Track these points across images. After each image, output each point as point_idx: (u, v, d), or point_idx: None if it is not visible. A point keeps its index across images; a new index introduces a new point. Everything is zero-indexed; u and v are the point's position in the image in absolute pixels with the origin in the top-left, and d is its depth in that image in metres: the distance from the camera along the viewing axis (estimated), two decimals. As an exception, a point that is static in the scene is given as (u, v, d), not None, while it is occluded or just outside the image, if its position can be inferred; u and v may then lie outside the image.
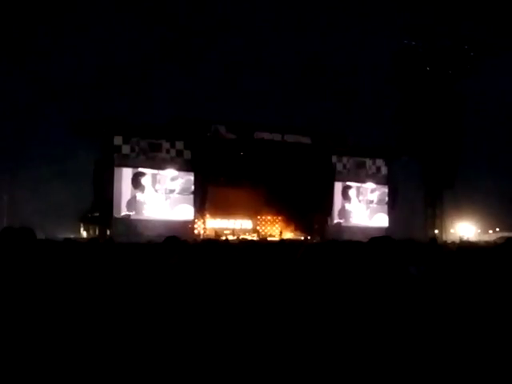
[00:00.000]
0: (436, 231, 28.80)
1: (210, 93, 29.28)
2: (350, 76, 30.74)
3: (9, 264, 3.47)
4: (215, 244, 5.60)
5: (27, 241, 3.80)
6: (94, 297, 3.81)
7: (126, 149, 25.45)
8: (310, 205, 28.81)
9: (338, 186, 30.01)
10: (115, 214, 24.70)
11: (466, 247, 5.83)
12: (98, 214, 25.27)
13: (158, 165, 26.10)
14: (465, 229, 30.49)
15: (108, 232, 24.35)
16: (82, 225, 26.35)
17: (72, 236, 21.97)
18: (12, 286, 3.12)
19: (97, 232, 25.24)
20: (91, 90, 27.27)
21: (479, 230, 30.94)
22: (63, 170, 24.83)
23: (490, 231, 29.27)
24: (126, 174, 25.47)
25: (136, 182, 25.57)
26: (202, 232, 27.03)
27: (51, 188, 24.54)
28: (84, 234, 25.97)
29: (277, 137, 27.97)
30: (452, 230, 30.19)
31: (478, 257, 5.83)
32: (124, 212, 25.02)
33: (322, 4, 31.14)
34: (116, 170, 25.26)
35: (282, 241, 15.55)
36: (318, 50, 30.77)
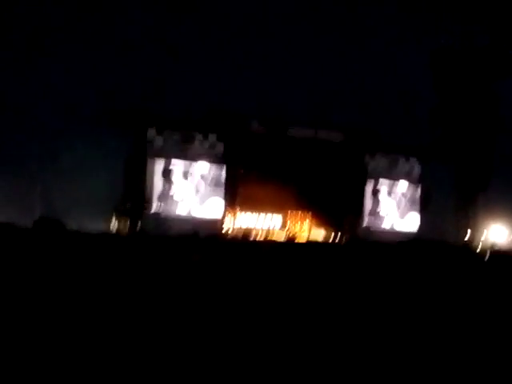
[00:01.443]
0: (468, 234, 28.38)
1: (245, 87, 29.18)
2: (386, 74, 30.35)
3: (41, 254, 3.53)
4: (241, 245, 5.62)
5: (59, 232, 3.86)
6: (117, 289, 3.85)
7: (159, 140, 25.62)
8: (340, 204, 28.64)
9: (370, 185, 29.77)
10: (147, 209, 24.92)
11: (498, 255, 5.74)
12: (129, 206, 25.48)
13: (191, 157, 26.23)
14: (497, 232, 29.94)
15: (139, 225, 24.54)
16: (113, 216, 26.55)
17: (103, 228, 22.21)
18: (44, 275, 3.18)
19: (128, 224, 25.42)
20: (125, 81, 27.39)
21: (512, 235, 30.37)
22: (96, 162, 25.03)
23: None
24: (159, 165, 25.66)
25: (168, 174, 25.74)
26: (230, 231, 27.02)
27: (84, 179, 24.78)
28: (115, 225, 26.17)
29: (309, 133, 27.89)
30: (484, 235, 29.68)
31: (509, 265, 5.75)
32: (155, 205, 25.20)
33: (360, 1, 30.81)
34: (149, 161, 25.47)
35: (309, 243, 15.54)
36: (354, 48, 30.45)
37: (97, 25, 27.77)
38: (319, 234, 28.30)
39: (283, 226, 29.15)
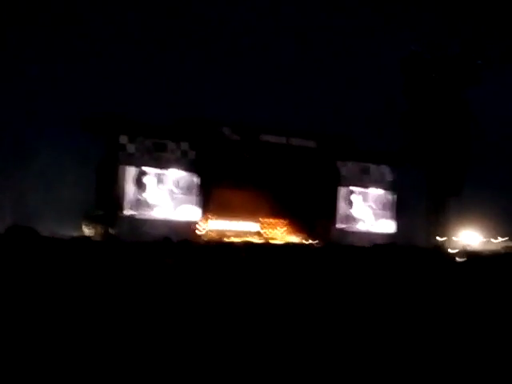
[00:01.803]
0: (440, 239, 28.72)
1: (216, 94, 29.22)
2: (356, 81, 30.64)
3: (14, 261, 3.48)
4: (220, 246, 5.61)
5: (31, 239, 3.82)
6: (95, 294, 3.82)
7: (131, 148, 25.53)
8: (313, 209, 28.82)
9: (343, 191, 30.03)
10: (119, 213, 24.78)
11: (470, 256, 5.82)
12: (101, 213, 25.30)
13: (163, 165, 26.19)
14: (470, 237, 30.36)
15: (111, 231, 24.38)
16: (84, 223, 26.30)
17: (75, 234, 21.96)
18: (18, 283, 3.13)
19: (100, 230, 25.23)
20: (97, 87, 27.23)
21: (485, 239, 30.79)
22: (67, 168, 24.79)
23: (497, 239, 29.13)
24: (131, 172, 25.56)
25: (140, 181, 25.67)
26: (204, 233, 26.99)
27: (55, 185, 24.53)
28: (86, 231, 25.94)
29: (282, 140, 28.03)
30: (456, 238, 30.07)
31: (482, 266, 5.84)
32: (128, 211, 25.10)
33: (330, 7, 31.07)
34: (120, 168, 25.35)
35: (287, 244, 15.57)
36: (325, 53, 30.73)
37: (71, 28, 27.59)
38: (293, 239, 28.39)
39: (257, 232, 29.18)
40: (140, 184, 25.67)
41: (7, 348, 2.76)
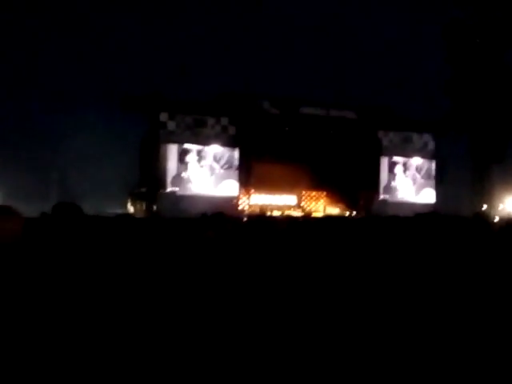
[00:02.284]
0: (484, 207, 28.24)
1: (254, 68, 29.13)
2: (398, 49, 30.12)
3: (60, 239, 3.55)
4: (261, 220, 5.63)
5: (77, 216, 3.89)
6: (135, 269, 3.89)
7: (171, 125, 25.71)
8: (355, 180, 28.63)
9: (384, 161, 29.74)
10: (161, 190, 25.08)
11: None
12: (144, 190, 25.69)
13: (203, 141, 26.31)
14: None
15: (154, 207, 24.74)
16: (129, 200, 26.79)
17: (120, 211, 22.38)
18: (63, 261, 3.19)
19: (144, 207, 25.65)
20: (136, 66, 27.46)
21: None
22: (111, 147, 25.20)
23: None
24: (172, 150, 25.79)
25: (182, 158, 25.88)
26: (246, 208, 27.13)
27: (99, 164, 24.98)
28: (131, 209, 26.41)
29: (322, 112, 27.79)
30: (500, 206, 29.52)
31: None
32: (170, 188, 25.38)
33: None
34: (162, 146, 25.60)
35: (328, 217, 15.52)
36: (364, 24, 30.22)
37: (111, 10, 27.80)
38: (334, 212, 28.30)
39: (298, 205, 29.20)
40: (181, 161, 25.90)
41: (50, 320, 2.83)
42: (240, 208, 26.49)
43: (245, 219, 7.64)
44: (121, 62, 27.56)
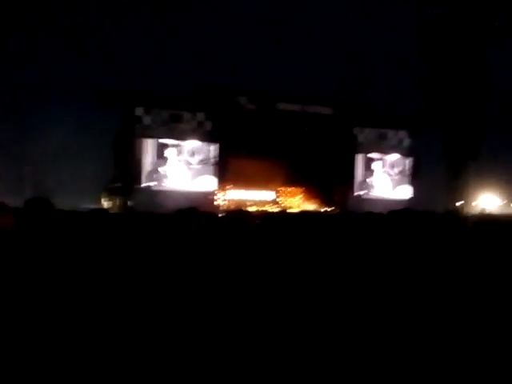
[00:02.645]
0: (459, 203, 28.57)
1: (230, 63, 29.04)
2: (373, 46, 30.25)
3: (33, 234, 3.50)
4: (237, 215, 5.61)
5: (47, 211, 3.83)
6: (114, 265, 3.85)
7: (147, 119, 25.58)
8: (331, 177, 28.80)
9: (360, 158, 29.92)
10: (137, 185, 24.95)
11: (486, 220, 5.77)
12: (119, 185, 25.53)
13: (180, 136, 26.24)
14: (488, 201, 30.16)
15: (129, 203, 24.61)
16: (104, 195, 26.60)
17: (94, 206, 22.19)
18: (34, 257, 3.14)
19: (119, 202, 25.50)
20: (113, 59, 27.21)
21: (503, 202, 30.59)
22: (85, 141, 24.97)
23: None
24: (147, 144, 25.67)
25: (156, 152, 25.77)
26: (222, 203, 27.11)
27: (73, 159, 24.75)
28: (106, 204, 26.22)
29: (298, 107, 27.86)
30: (475, 203, 29.90)
31: (498, 230, 5.78)
32: (145, 183, 25.26)
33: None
34: (137, 140, 25.46)
35: (303, 212, 15.50)
36: (341, 18, 30.26)
37: (84, 4, 27.51)
38: (310, 208, 28.41)
39: (274, 201, 29.26)
40: (157, 156, 25.80)
41: (19, 322, 2.79)
42: (216, 203, 26.46)
43: (220, 215, 7.61)
44: (96, 54, 27.27)
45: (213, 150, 26.67)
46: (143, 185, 25.22)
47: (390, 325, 3.61)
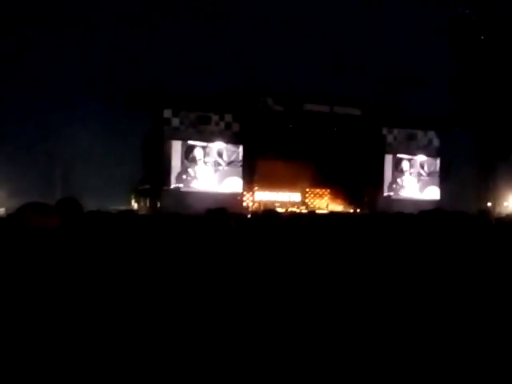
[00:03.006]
0: (489, 204, 28.17)
1: (258, 64, 29.10)
2: (402, 46, 30.06)
3: (63, 235, 3.54)
4: (268, 215, 5.61)
5: (77, 212, 3.87)
6: (143, 265, 3.87)
7: (175, 121, 25.72)
8: (359, 177, 28.60)
9: (389, 159, 29.70)
10: (165, 187, 25.09)
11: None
12: (148, 187, 25.72)
13: (207, 137, 26.32)
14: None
15: (158, 204, 24.77)
16: (132, 197, 26.84)
17: (123, 207, 22.43)
18: (65, 257, 3.17)
19: (147, 204, 25.69)
20: (142, 62, 27.49)
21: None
22: (115, 143, 25.26)
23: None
24: (176, 146, 25.80)
25: (187, 154, 25.89)
26: (250, 204, 27.13)
27: (103, 161, 25.04)
28: (135, 205, 26.45)
29: (326, 108, 27.75)
30: (506, 203, 29.47)
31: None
32: (173, 184, 25.40)
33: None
34: (166, 142, 25.61)
35: (331, 213, 15.48)
36: (370, 21, 30.14)
37: (116, 7, 27.81)
38: (338, 209, 28.28)
39: (302, 202, 29.20)
40: (185, 157, 25.91)
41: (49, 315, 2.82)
42: (244, 205, 26.49)
43: (249, 216, 7.62)
44: (125, 58, 27.56)
45: (240, 151, 26.70)
46: (172, 186, 25.35)
47: (415, 324, 3.58)
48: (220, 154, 26.50)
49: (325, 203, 29.43)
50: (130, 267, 3.73)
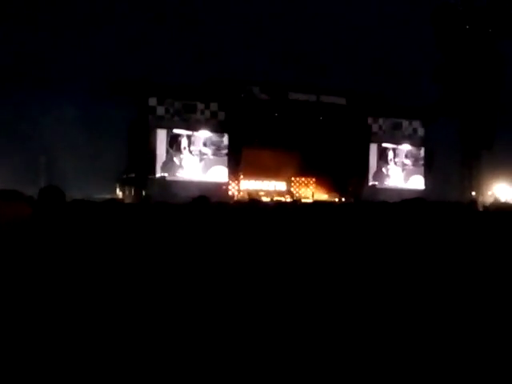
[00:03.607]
0: (473, 193, 28.38)
1: (243, 53, 29.00)
2: (387, 35, 30.06)
3: (45, 224, 3.52)
4: (250, 205, 5.64)
5: (60, 200, 3.85)
6: (128, 254, 3.88)
7: (160, 110, 25.61)
8: (344, 167, 28.68)
9: (374, 148, 29.80)
10: (150, 175, 25.01)
11: (502, 209, 5.75)
12: (133, 175, 25.62)
13: (193, 126, 26.25)
14: (502, 190, 29.94)
15: (143, 193, 24.70)
16: (117, 186, 26.72)
17: (108, 196, 22.33)
18: (48, 247, 3.15)
19: (132, 192, 25.60)
20: (127, 50, 27.29)
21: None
22: (99, 131, 25.09)
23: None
24: (161, 135, 25.70)
25: (170, 143, 25.81)
26: (236, 194, 27.13)
27: (87, 149, 24.88)
28: (120, 194, 26.34)
29: (312, 97, 27.76)
30: (489, 192, 29.69)
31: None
32: (159, 173, 25.33)
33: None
34: (151, 131, 25.50)
35: (315, 202, 15.50)
36: (353, 8, 30.09)
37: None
38: (323, 198, 28.36)
39: (287, 191, 29.23)
40: (170, 146, 25.84)
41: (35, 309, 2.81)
42: (230, 194, 26.49)
43: (232, 204, 7.64)
44: (110, 45, 27.33)
45: (226, 140, 26.66)
46: (157, 175, 25.28)
47: (402, 315, 3.61)
48: (205, 143, 26.45)
49: (310, 192, 29.47)
50: (117, 256, 3.73)
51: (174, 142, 25.90)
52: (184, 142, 26.08)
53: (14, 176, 20.52)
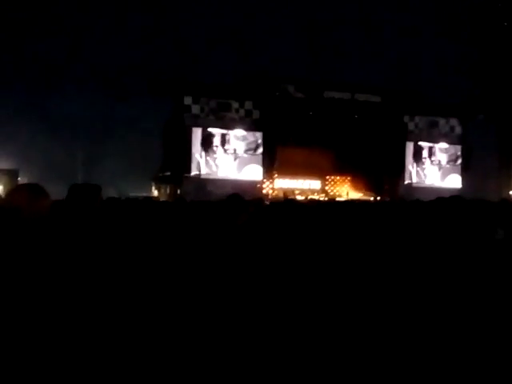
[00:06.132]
0: (511, 192, 27.86)
1: (279, 51, 28.98)
2: (423, 32, 29.70)
3: (77, 221, 3.55)
4: (285, 203, 5.63)
5: (93, 197, 3.84)
6: (163, 251, 3.91)
7: (195, 108, 25.77)
8: (380, 165, 28.44)
9: (410, 146, 29.48)
10: (185, 174, 25.20)
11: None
12: (168, 174, 25.84)
13: (227, 125, 26.34)
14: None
15: (178, 191, 24.90)
16: (153, 184, 27.00)
17: (144, 194, 22.62)
18: (75, 245, 3.12)
19: (168, 191, 25.83)
20: (162, 49, 27.52)
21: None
22: (135, 130, 25.38)
23: None
24: (196, 133, 25.86)
25: (206, 142, 25.96)
26: (270, 192, 27.15)
27: (124, 147, 25.17)
28: (155, 192, 26.61)
29: (347, 96, 27.61)
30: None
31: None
32: (194, 171, 25.49)
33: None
34: (186, 129, 25.68)
35: (351, 201, 15.38)
36: (388, 7, 29.79)
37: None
38: (358, 196, 28.18)
39: (322, 189, 29.14)
40: (205, 144, 25.97)
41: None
42: (264, 192, 26.52)
43: (267, 202, 7.64)
44: (145, 45, 27.61)
45: (260, 138, 26.69)
46: (192, 173, 25.45)
47: (433, 316, 3.57)
48: (240, 142, 26.52)
49: (345, 191, 29.32)
50: (151, 253, 3.77)
51: (208, 141, 26.04)
52: (219, 141, 26.20)
53: (51, 173, 20.85)
